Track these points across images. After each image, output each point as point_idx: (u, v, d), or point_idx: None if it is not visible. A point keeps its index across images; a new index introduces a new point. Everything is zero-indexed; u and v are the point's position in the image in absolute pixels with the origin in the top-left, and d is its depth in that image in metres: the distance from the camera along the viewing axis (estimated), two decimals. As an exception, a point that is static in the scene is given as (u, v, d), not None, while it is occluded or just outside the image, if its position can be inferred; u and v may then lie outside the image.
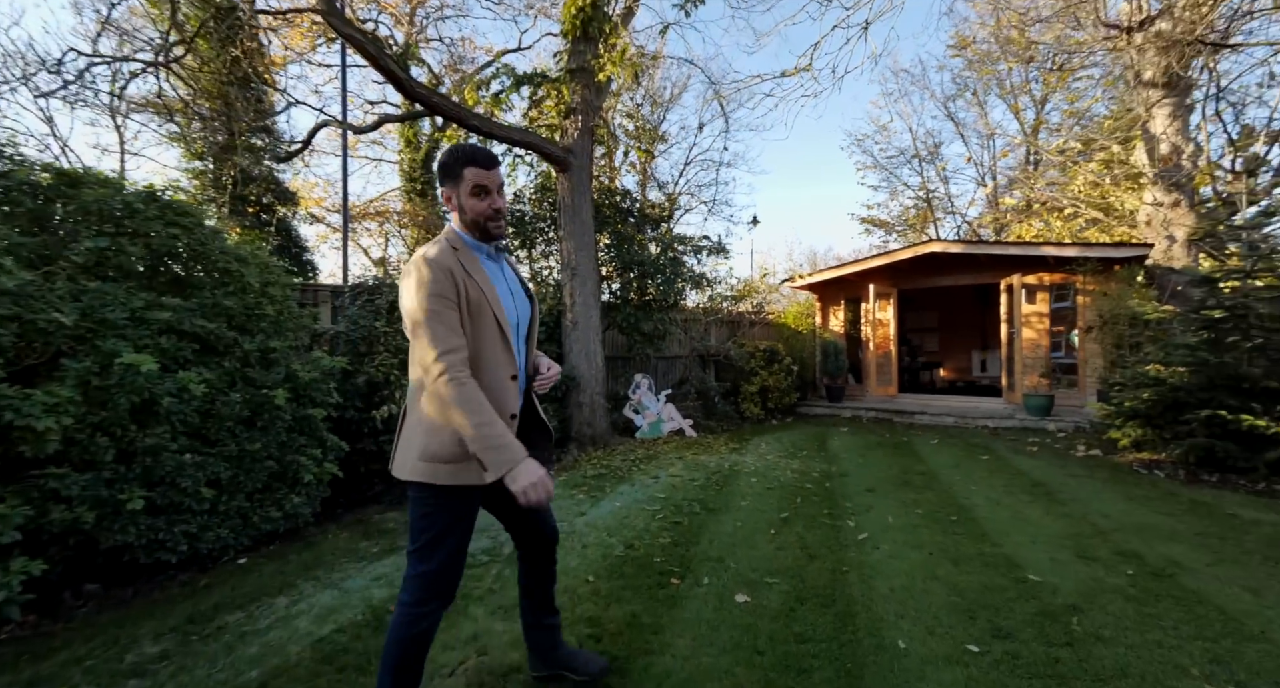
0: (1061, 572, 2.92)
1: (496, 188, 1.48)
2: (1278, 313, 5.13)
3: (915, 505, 4.16)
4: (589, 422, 6.17)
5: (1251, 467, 4.85)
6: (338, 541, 3.35)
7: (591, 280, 6.29)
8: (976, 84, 16.57)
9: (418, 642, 1.45)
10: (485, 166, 1.45)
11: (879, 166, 18.43)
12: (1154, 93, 8.90)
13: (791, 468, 5.37)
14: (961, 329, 13.29)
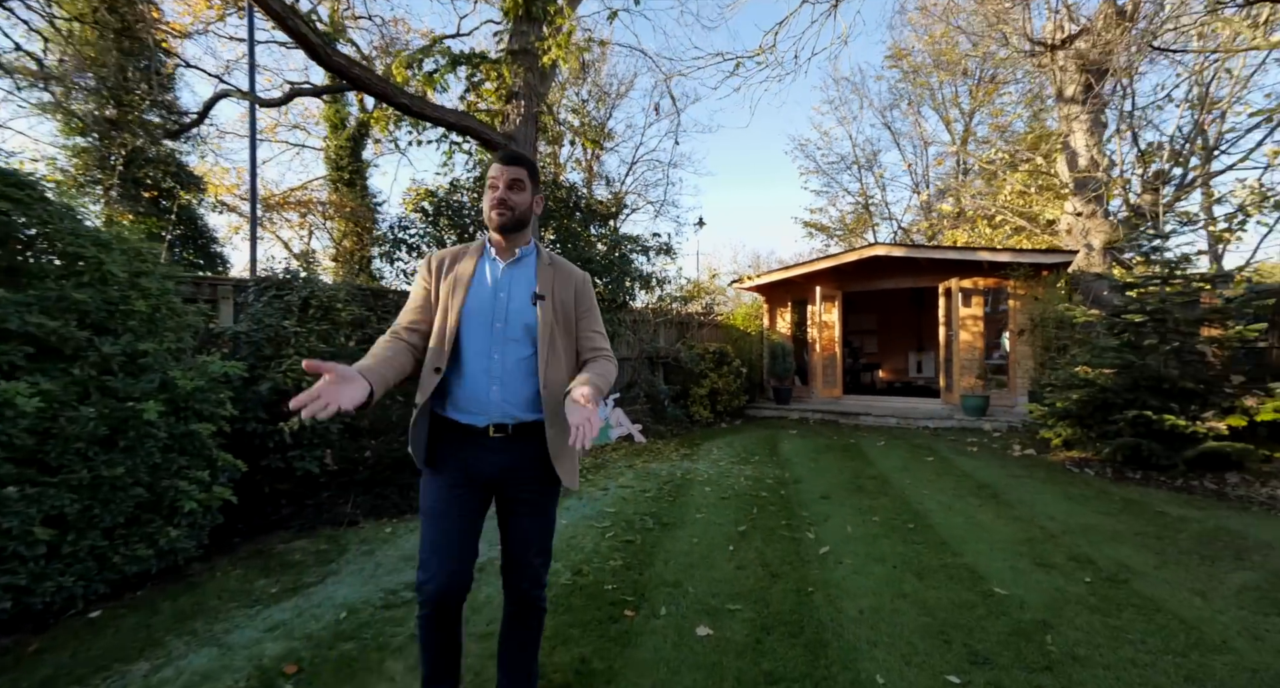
0: (1024, 582, 2.83)
1: (505, 182, 1.53)
2: (1191, 317, 5.44)
3: (872, 513, 4.05)
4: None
5: (1172, 464, 5.09)
6: (227, 580, 2.82)
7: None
8: (911, 95, 17.29)
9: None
10: (500, 162, 1.55)
11: (821, 172, 18.91)
12: (1074, 108, 9.45)
13: (745, 475, 5.19)
14: (899, 331, 13.75)
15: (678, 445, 6.77)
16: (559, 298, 1.59)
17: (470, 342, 1.51)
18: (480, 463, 1.50)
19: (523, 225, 1.58)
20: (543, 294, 1.55)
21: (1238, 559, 3.24)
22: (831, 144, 19.47)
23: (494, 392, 1.49)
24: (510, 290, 1.55)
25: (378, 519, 3.87)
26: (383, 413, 4.48)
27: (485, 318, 1.52)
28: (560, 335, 1.57)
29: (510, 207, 1.53)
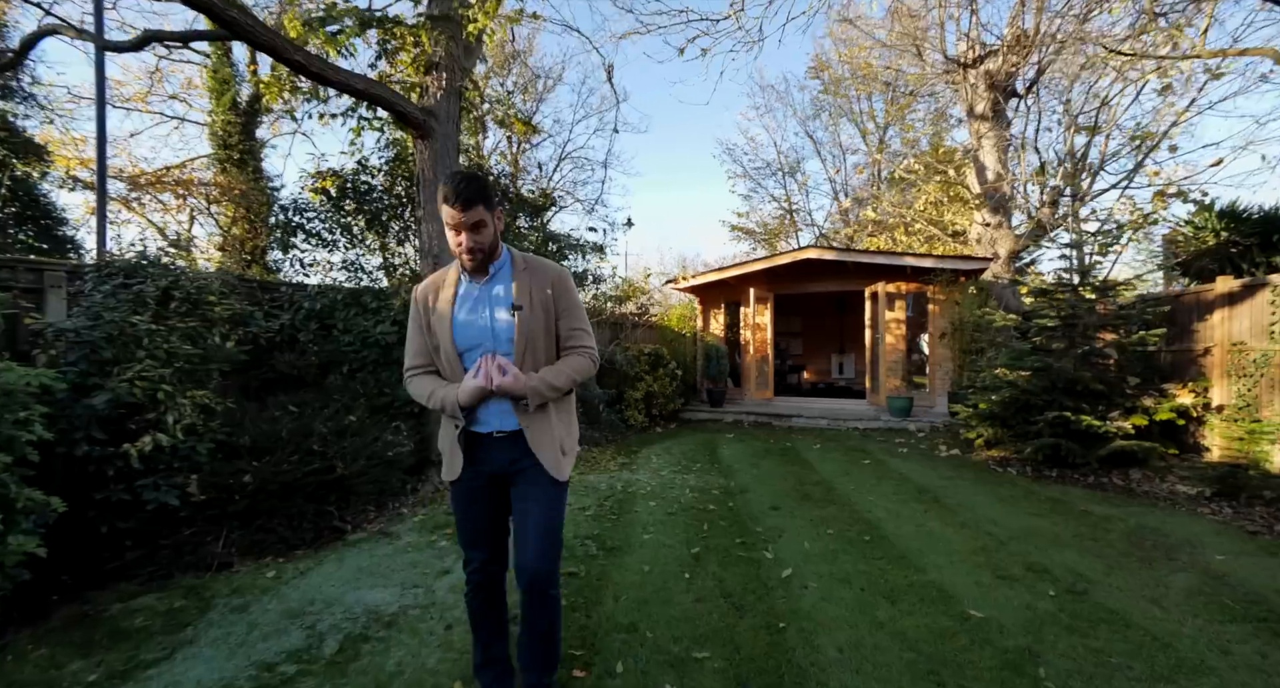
0: (994, 601, 2.70)
1: (469, 226, 1.53)
2: (1098, 323, 5.79)
3: (824, 524, 3.87)
4: (454, 441, 5.14)
5: (1086, 462, 5.36)
6: (22, 666, 2.08)
7: (459, 272, 5.27)
8: (832, 106, 18.00)
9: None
10: (454, 206, 1.50)
11: (748, 176, 19.26)
12: (983, 125, 10.05)
13: (689, 485, 4.89)
14: (822, 334, 14.15)
15: (614, 453, 6.37)
16: (537, 301, 1.63)
17: (470, 363, 1.63)
18: (488, 461, 1.67)
19: (492, 258, 1.64)
20: (520, 304, 1.61)
21: (1169, 559, 3.32)
22: (758, 150, 19.93)
23: (491, 404, 1.63)
24: (491, 308, 1.63)
25: (258, 559, 3.17)
26: (270, 427, 3.73)
27: (475, 340, 1.62)
28: (541, 338, 1.65)
29: (481, 249, 1.57)
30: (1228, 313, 5.23)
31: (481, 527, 1.74)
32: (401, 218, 6.23)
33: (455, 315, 1.62)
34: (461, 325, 1.62)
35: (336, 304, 4.89)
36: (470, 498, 1.72)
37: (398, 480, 4.42)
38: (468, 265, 1.60)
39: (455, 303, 1.63)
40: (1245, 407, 4.98)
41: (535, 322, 1.62)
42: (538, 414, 1.63)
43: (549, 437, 1.66)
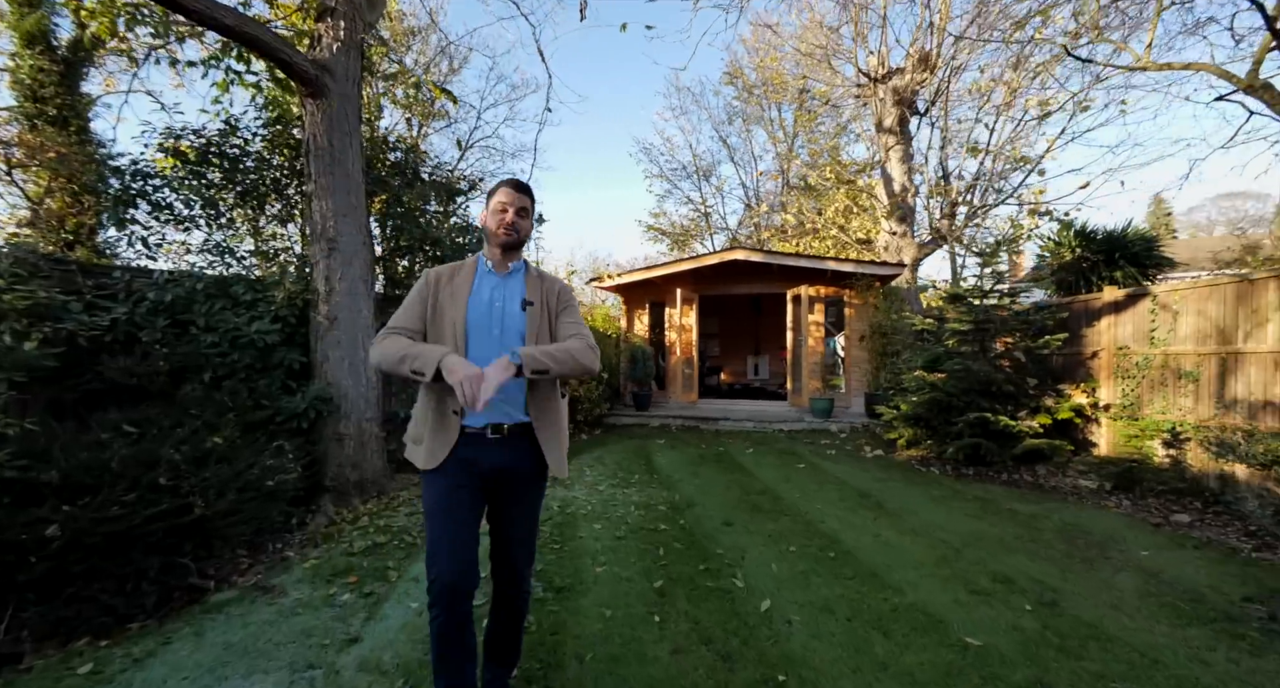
0: (980, 622, 2.55)
1: (515, 209, 1.70)
2: (1007, 327, 6.16)
3: (783, 540, 3.63)
4: (355, 461, 4.32)
5: (1001, 460, 5.66)
6: None
7: (360, 260, 4.44)
8: (745, 113, 18.45)
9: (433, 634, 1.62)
10: (512, 188, 1.71)
11: (664, 176, 19.24)
12: (890, 138, 10.62)
13: (633, 502, 4.47)
14: (738, 335, 14.36)
15: (541, 466, 5.79)
16: (545, 303, 1.74)
17: (475, 349, 1.64)
18: (480, 461, 1.63)
19: (521, 246, 1.76)
20: (531, 300, 1.71)
21: (1105, 559, 3.42)
22: (674, 152, 19.99)
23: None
24: (505, 300, 1.71)
25: (66, 644, 2.29)
26: (93, 456, 2.79)
27: (485, 326, 1.67)
28: (545, 337, 1.70)
29: (517, 230, 1.71)
30: (1114, 319, 5.74)
31: (460, 533, 1.60)
32: (283, 194, 5.21)
33: (471, 297, 1.68)
34: (477, 308, 1.67)
35: (196, 295, 3.90)
36: (454, 500, 1.61)
37: (280, 515, 3.57)
38: (499, 239, 1.70)
39: (473, 287, 1.71)
40: (1129, 405, 5.48)
41: (542, 321, 1.72)
42: (548, 406, 1.68)
43: (558, 432, 1.72)
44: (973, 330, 6.36)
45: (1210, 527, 4.00)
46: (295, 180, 5.06)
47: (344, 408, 4.26)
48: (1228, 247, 12.64)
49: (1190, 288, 4.95)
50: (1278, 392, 4.21)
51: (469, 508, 1.62)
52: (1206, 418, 4.73)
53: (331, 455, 4.23)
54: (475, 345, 1.64)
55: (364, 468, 4.34)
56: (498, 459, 1.63)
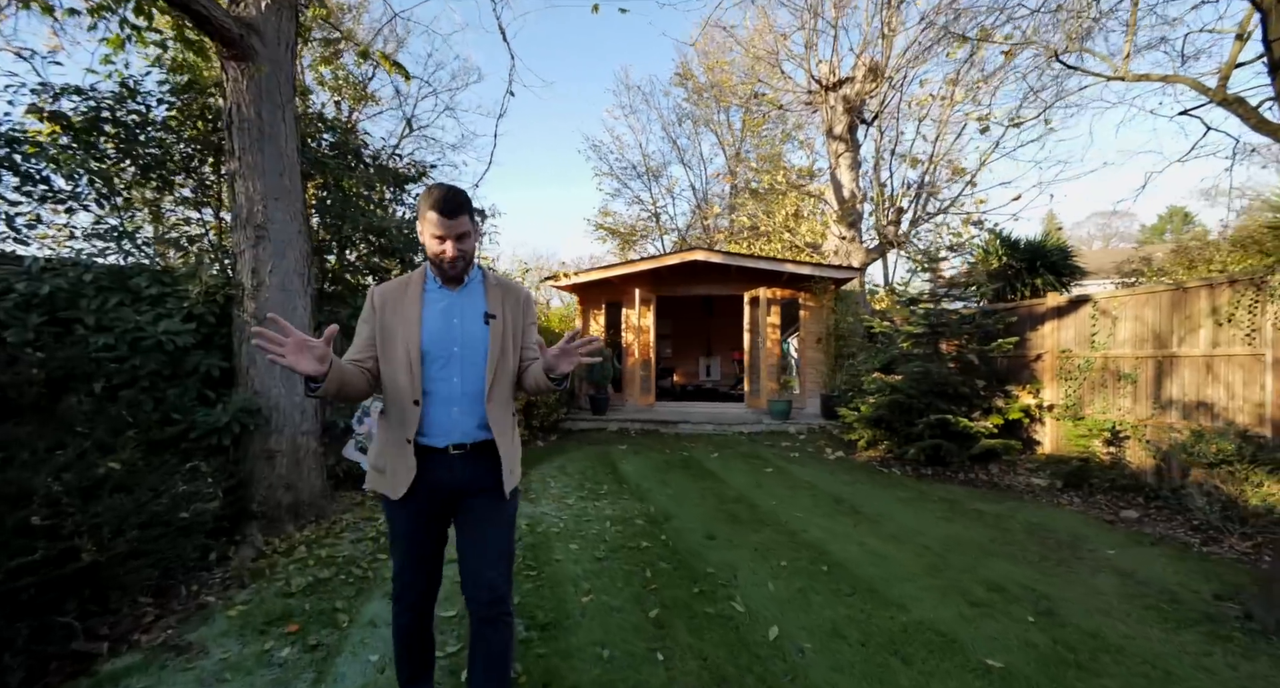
0: (990, 639, 2.47)
1: (456, 235, 1.53)
2: (962, 331, 6.35)
3: (770, 553, 3.46)
4: (288, 481, 3.75)
5: (959, 460, 5.80)
6: None
7: (295, 251, 3.88)
8: (694, 115, 18.49)
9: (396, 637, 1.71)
10: (443, 214, 1.50)
11: (614, 175, 18.95)
12: (840, 145, 10.86)
13: (606, 516, 4.17)
14: (690, 336, 14.31)
15: (498, 478, 5.38)
16: (507, 315, 1.63)
17: (432, 368, 1.56)
18: (440, 479, 1.57)
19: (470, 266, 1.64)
20: (494, 314, 1.61)
21: (1078, 559, 3.49)
22: (624, 151, 19.74)
23: (454, 413, 1.57)
24: (464, 314, 1.61)
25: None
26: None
27: (444, 344, 1.57)
28: (510, 350, 1.63)
29: (465, 257, 1.57)
30: (1057, 324, 6.03)
31: (426, 553, 1.65)
32: (196, 172, 4.51)
33: (425, 318, 1.58)
34: (432, 329, 1.58)
35: (83, 288, 3.25)
36: (415, 522, 1.61)
37: (195, 551, 3.01)
38: (450, 273, 1.59)
39: (423, 306, 1.60)
40: (1072, 406, 5.77)
41: (505, 334, 1.62)
42: (505, 424, 1.63)
43: (513, 448, 1.68)
44: (927, 334, 6.51)
45: (1157, 522, 4.21)
46: (214, 157, 4.39)
47: (275, 420, 3.70)
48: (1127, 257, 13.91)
49: (1129, 295, 5.25)
50: (1209, 392, 4.50)
51: (434, 533, 1.63)
52: (1145, 417, 5.01)
53: (260, 476, 3.66)
54: (431, 365, 1.56)
55: (299, 489, 3.79)
56: (461, 477, 1.58)
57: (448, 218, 1.50)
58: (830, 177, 11.17)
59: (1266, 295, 4.07)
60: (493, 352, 1.59)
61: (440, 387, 1.56)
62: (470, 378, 1.58)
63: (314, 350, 1.31)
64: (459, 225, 1.52)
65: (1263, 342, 4.10)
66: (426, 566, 1.65)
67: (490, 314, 1.61)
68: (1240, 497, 3.68)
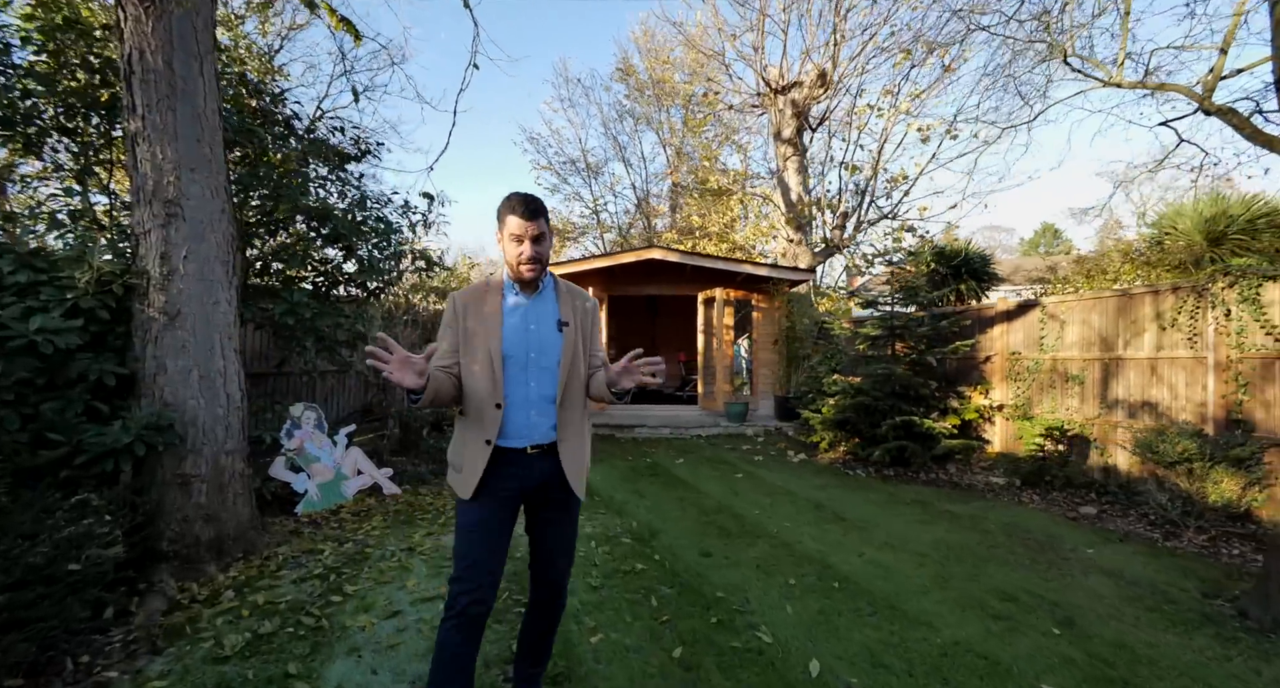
0: (1031, 658, 2.37)
1: (534, 237, 1.59)
2: (919, 334, 6.50)
3: (774, 570, 3.26)
4: (210, 512, 3.09)
5: (921, 461, 5.92)
6: None
7: (218, 234, 3.21)
8: (635, 113, 18.28)
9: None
10: (523, 216, 1.56)
11: (553, 169, 18.37)
12: (788, 149, 11.01)
13: (588, 534, 3.80)
14: (634, 337, 14.03)
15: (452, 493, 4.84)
16: (577, 322, 1.70)
17: (512, 373, 1.61)
18: (517, 478, 1.61)
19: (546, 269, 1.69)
20: (567, 320, 1.67)
21: (1064, 560, 3.55)
22: (563, 145, 19.15)
23: (532, 416, 1.62)
24: (539, 321, 1.66)
25: None
26: None
27: (522, 350, 1.62)
28: (580, 357, 1.68)
29: (540, 260, 1.62)
30: (1006, 327, 6.31)
31: (496, 552, 1.61)
32: (78, 133, 3.68)
33: (505, 323, 1.63)
34: (511, 335, 1.63)
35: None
36: (488, 520, 1.59)
37: (84, 608, 2.35)
38: (527, 276, 1.63)
39: (503, 311, 1.65)
40: (1021, 405, 6.04)
41: (577, 340, 1.68)
42: (574, 428, 1.67)
43: (582, 452, 1.70)
44: (885, 335, 6.63)
45: (1114, 518, 4.42)
46: (105, 116, 3.59)
47: (192, 438, 3.03)
48: (1035, 266, 15.19)
49: (1077, 299, 5.55)
50: (1153, 393, 4.81)
51: (501, 532, 1.62)
52: (1092, 417, 5.31)
53: (172, 507, 2.98)
54: (511, 369, 1.62)
55: (223, 520, 3.14)
56: (537, 476, 1.63)
57: (526, 219, 1.56)
58: (778, 179, 11.32)
59: (1208, 302, 4.38)
60: (565, 357, 1.65)
61: (517, 391, 1.61)
62: (545, 383, 1.64)
63: (415, 365, 1.42)
64: (536, 227, 1.58)
65: (1204, 345, 4.40)
66: (495, 566, 1.61)
67: (564, 321, 1.67)
68: (1198, 493, 3.90)
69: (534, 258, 1.59)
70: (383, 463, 5.15)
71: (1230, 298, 4.21)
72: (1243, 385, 4.12)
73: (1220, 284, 4.27)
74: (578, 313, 1.70)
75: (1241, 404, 4.12)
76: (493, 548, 1.58)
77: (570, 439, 1.65)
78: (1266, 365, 4.02)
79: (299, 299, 3.64)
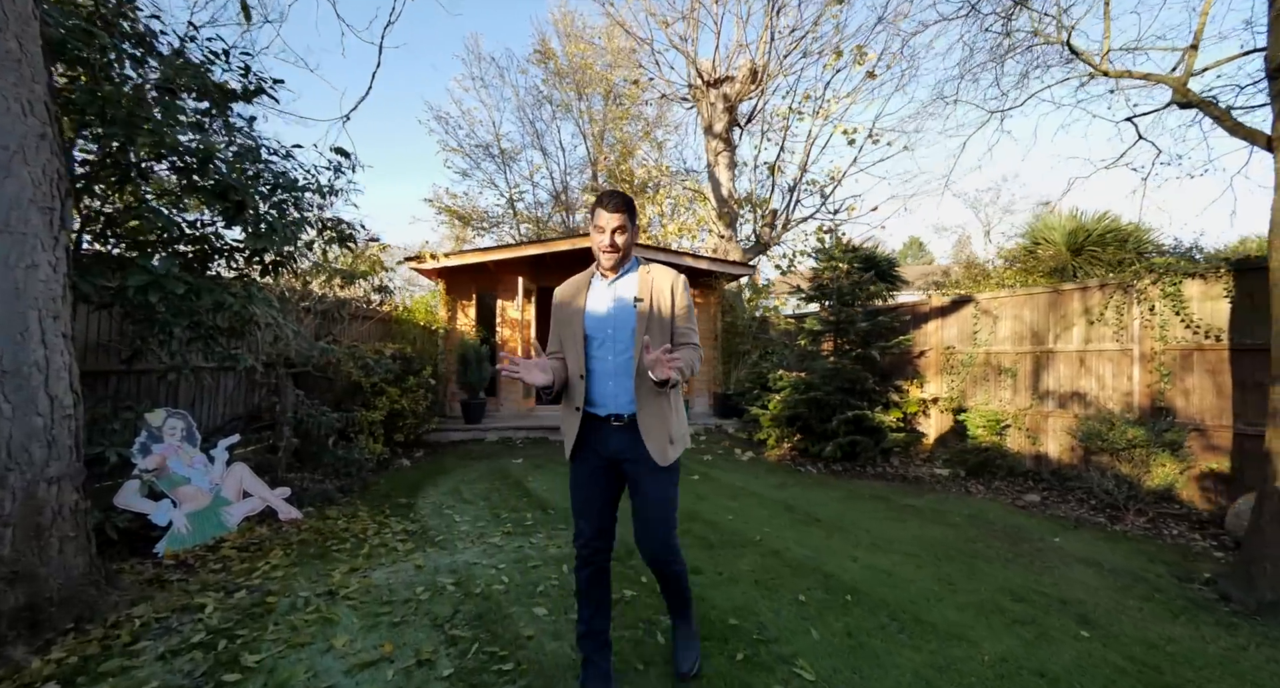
0: (1081, 670, 2.19)
1: (613, 228, 1.79)
2: (862, 329, 6.55)
3: (775, 585, 2.91)
4: (24, 567, 2.10)
5: (869, 455, 5.92)
6: None
7: (33, 168, 2.23)
8: (554, 99, 17.48)
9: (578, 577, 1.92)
10: (608, 209, 1.78)
11: (463, 152, 17.09)
12: (719, 143, 10.93)
13: (553, 557, 3.21)
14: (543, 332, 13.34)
15: (375, 515, 4.00)
16: (655, 301, 1.83)
17: (594, 349, 1.85)
18: (604, 445, 1.85)
19: (626, 257, 1.88)
20: (640, 297, 1.82)
21: (1039, 552, 3.54)
22: (475, 127, 17.80)
23: (609, 386, 1.83)
24: (618, 302, 1.85)
25: None
26: None
27: (602, 328, 1.85)
28: (656, 333, 1.80)
29: (618, 248, 1.81)
30: (940, 322, 6.53)
31: (594, 505, 1.87)
32: None
33: (588, 304, 1.87)
34: (591, 316, 1.86)
35: None
36: (587, 477, 1.87)
37: None
38: (606, 262, 1.84)
39: (589, 294, 1.89)
40: (955, 398, 6.27)
41: (653, 316, 1.81)
42: (651, 402, 1.79)
43: (661, 424, 1.80)
44: (829, 331, 6.62)
45: (1058, 504, 4.59)
46: None
47: (-12, 462, 2.07)
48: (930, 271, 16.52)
49: (1010, 295, 5.81)
50: (1082, 384, 5.11)
51: (602, 485, 1.86)
52: (1025, 407, 5.57)
53: None
54: (593, 346, 1.84)
55: (41, 578, 2.19)
56: (617, 444, 1.82)
57: (609, 212, 1.77)
58: (709, 174, 11.21)
59: (1133, 298, 4.69)
60: (638, 332, 1.77)
61: (598, 364, 1.84)
62: (621, 356, 1.81)
63: (538, 364, 1.72)
64: (616, 220, 1.77)
65: (1130, 338, 4.71)
66: (596, 517, 1.85)
67: (638, 298, 1.80)
68: (1137, 478, 4.11)
69: (611, 246, 1.78)
70: (277, 481, 4.17)
71: (1154, 294, 4.52)
72: (1165, 375, 4.43)
73: (1145, 281, 4.58)
74: (655, 291, 1.82)
75: (1164, 393, 4.43)
76: (592, 502, 1.86)
77: (649, 409, 1.78)
78: (1185, 357, 4.34)
79: (165, 270, 2.69)
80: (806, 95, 10.92)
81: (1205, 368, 4.22)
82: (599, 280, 1.89)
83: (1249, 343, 3.95)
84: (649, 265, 1.91)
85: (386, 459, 5.81)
